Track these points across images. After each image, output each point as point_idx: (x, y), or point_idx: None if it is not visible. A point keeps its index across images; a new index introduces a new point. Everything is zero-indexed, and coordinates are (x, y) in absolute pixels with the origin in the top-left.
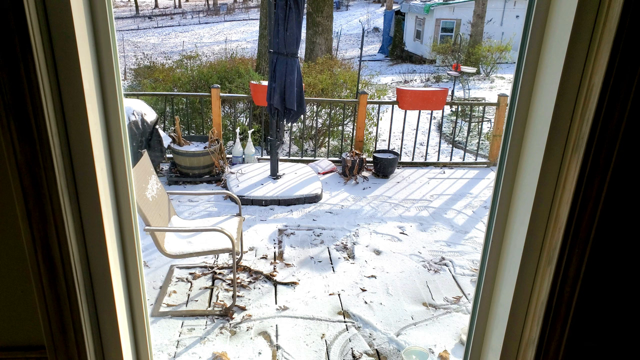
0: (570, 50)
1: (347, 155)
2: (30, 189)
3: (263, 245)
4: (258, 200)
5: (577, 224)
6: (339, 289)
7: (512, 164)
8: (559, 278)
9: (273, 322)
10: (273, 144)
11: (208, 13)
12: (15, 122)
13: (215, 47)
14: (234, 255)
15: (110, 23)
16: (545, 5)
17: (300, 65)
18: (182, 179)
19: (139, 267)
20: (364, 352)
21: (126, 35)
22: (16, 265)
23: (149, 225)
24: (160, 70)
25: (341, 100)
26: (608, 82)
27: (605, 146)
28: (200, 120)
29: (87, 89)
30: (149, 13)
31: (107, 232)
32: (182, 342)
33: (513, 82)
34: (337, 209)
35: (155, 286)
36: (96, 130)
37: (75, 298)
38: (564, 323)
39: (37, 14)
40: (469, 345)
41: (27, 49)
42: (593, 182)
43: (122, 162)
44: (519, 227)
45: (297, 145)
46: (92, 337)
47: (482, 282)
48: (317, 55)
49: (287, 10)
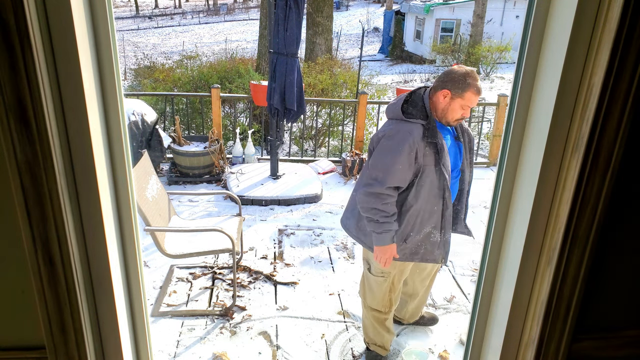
0: (570, 50)
1: (347, 155)
2: (30, 189)
3: (263, 245)
4: (258, 200)
5: (577, 224)
6: (339, 288)
7: (512, 164)
8: (559, 278)
9: (273, 322)
10: (273, 144)
11: (208, 13)
12: (15, 122)
13: (215, 47)
14: (234, 255)
15: (110, 23)
16: (545, 5)
17: (300, 65)
18: (182, 179)
19: (139, 267)
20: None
21: (126, 35)
22: (16, 265)
23: (149, 225)
24: (161, 70)
25: (341, 100)
26: (608, 82)
27: (605, 146)
28: (200, 120)
29: (87, 89)
30: (149, 13)
31: (107, 232)
32: (182, 342)
33: (513, 82)
34: (337, 209)
35: (155, 286)
36: (96, 130)
37: (75, 298)
38: (564, 323)
39: (37, 14)
40: (469, 345)
41: (27, 48)
42: (593, 182)
43: (122, 162)
44: (519, 227)
45: (297, 145)
46: (92, 337)
47: (482, 282)
48: (317, 55)
49: (287, 10)
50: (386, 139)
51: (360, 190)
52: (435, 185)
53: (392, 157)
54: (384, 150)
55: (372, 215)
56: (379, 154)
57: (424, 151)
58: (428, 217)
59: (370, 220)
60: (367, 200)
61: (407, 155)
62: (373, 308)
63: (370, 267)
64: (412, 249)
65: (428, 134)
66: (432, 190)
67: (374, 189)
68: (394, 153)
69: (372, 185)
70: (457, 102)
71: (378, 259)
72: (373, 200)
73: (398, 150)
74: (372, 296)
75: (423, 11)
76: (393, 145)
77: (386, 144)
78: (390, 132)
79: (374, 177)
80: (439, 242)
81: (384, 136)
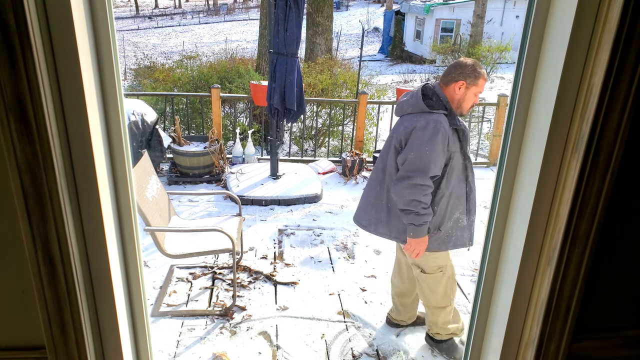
0: (570, 50)
1: (347, 155)
2: (30, 189)
3: (263, 245)
4: (258, 200)
5: (577, 224)
6: (339, 288)
7: (512, 164)
8: (559, 278)
9: (273, 322)
10: (273, 144)
11: (208, 13)
12: (15, 122)
13: (215, 47)
14: (234, 255)
15: (110, 23)
16: (545, 5)
17: (300, 66)
18: (182, 179)
19: (139, 267)
20: (364, 352)
21: (126, 35)
22: (16, 265)
23: (149, 225)
24: (161, 70)
25: (341, 100)
26: (608, 82)
27: (605, 146)
28: (200, 120)
29: (87, 89)
30: (149, 13)
31: (107, 232)
32: (182, 342)
33: (513, 82)
34: (337, 209)
35: (155, 286)
36: (96, 130)
37: (75, 298)
38: (564, 323)
39: (37, 14)
40: (469, 345)
41: (27, 48)
42: (593, 182)
43: (122, 162)
44: (519, 227)
45: (297, 145)
46: (92, 337)
47: (482, 282)
48: (317, 55)
49: (287, 10)
50: (419, 131)
51: (398, 185)
52: (460, 170)
53: (431, 146)
54: (420, 142)
55: (412, 207)
56: (415, 146)
57: (452, 138)
58: (457, 202)
59: (410, 212)
60: (408, 192)
61: (441, 143)
62: (440, 306)
63: (423, 268)
64: (445, 237)
65: (452, 122)
66: (458, 175)
67: (415, 181)
68: (430, 142)
69: (413, 177)
70: (472, 90)
71: (411, 250)
72: (415, 192)
73: (433, 139)
74: (435, 296)
75: (423, 11)
76: (427, 135)
77: (421, 135)
78: (421, 124)
79: (415, 169)
80: (466, 225)
81: (415, 129)
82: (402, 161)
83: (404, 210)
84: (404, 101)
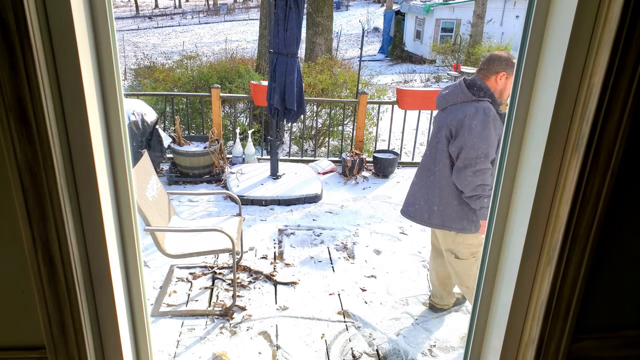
0: (570, 50)
1: (347, 155)
2: (30, 189)
3: (263, 245)
4: (258, 200)
5: (577, 224)
6: (339, 288)
7: (512, 164)
8: (559, 278)
9: (273, 322)
10: (273, 144)
11: (208, 13)
12: (15, 122)
13: (215, 47)
14: (234, 255)
15: (110, 23)
16: (545, 5)
17: (300, 65)
18: (182, 179)
19: (139, 267)
20: (364, 352)
21: (126, 35)
22: (16, 265)
23: (149, 225)
24: (161, 70)
25: (341, 100)
26: (608, 82)
27: (605, 146)
28: (200, 120)
29: (87, 88)
30: (149, 13)
31: (107, 232)
32: (182, 342)
33: (513, 82)
34: (337, 209)
35: (155, 286)
36: (96, 130)
37: (75, 298)
38: (564, 323)
39: (37, 14)
40: (469, 345)
41: (27, 48)
42: (593, 182)
43: (122, 162)
44: (519, 227)
45: (297, 145)
46: (92, 337)
47: (482, 282)
48: (317, 55)
49: (287, 10)
50: (472, 118)
51: (461, 174)
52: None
53: (488, 131)
54: (475, 128)
55: (481, 192)
56: (471, 133)
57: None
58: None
59: (479, 197)
60: (475, 179)
61: (493, 127)
62: None
63: (457, 254)
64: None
65: (496, 108)
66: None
67: (480, 166)
68: (485, 127)
69: (478, 163)
70: (510, 80)
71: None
72: (481, 177)
73: (488, 123)
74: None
75: (423, 11)
76: (481, 121)
77: (475, 122)
78: (471, 112)
79: (477, 155)
80: None
81: (466, 116)
82: (456, 149)
83: (472, 197)
84: (446, 94)
